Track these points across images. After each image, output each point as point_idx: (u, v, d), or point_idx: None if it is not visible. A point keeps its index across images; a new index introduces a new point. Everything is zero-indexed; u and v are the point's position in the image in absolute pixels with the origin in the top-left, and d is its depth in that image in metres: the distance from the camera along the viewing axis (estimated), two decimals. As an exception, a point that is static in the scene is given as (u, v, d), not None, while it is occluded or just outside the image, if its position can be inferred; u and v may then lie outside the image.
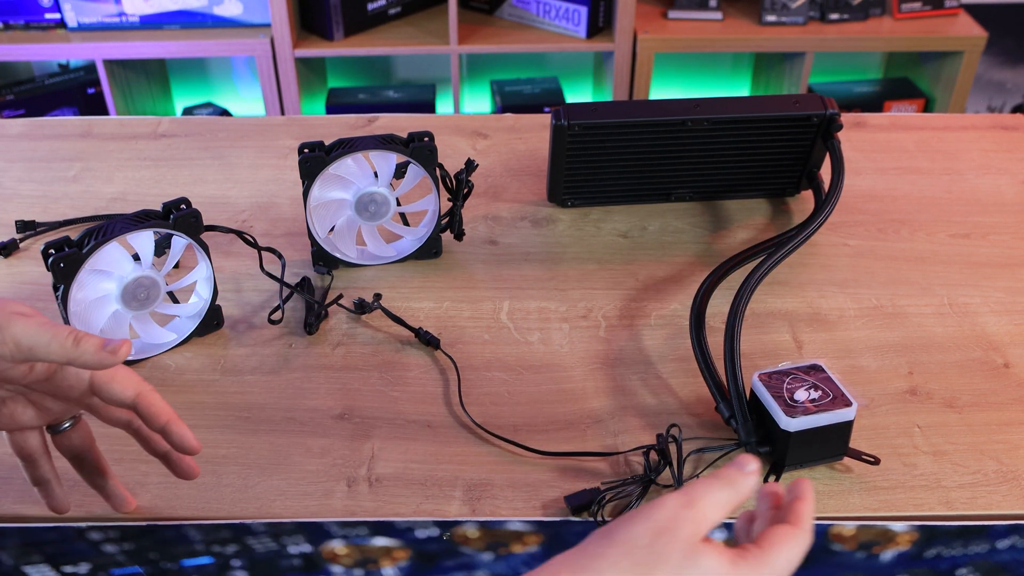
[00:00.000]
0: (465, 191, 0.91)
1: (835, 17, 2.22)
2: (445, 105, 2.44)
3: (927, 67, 2.35)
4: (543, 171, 1.08)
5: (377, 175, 0.88)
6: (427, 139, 0.86)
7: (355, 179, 0.87)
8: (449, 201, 0.92)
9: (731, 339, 0.74)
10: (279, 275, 0.85)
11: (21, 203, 1.02)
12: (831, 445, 0.69)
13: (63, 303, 0.74)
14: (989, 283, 0.90)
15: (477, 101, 2.51)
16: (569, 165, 0.97)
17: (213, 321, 0.84)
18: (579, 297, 0.89)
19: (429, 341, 0.82)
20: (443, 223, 0.93)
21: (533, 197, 1.04)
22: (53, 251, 0.72)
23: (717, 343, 0.79)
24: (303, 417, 0.75)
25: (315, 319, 0.84)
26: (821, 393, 0.68)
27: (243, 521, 0.66)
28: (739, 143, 0.97)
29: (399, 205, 0.92)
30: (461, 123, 1.19)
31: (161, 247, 0.81)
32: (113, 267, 0.76)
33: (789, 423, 0.67)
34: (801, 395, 0.68)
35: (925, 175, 1.08)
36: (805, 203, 1.03)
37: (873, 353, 0.82)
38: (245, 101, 2.50)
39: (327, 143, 0.86)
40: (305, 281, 0.89)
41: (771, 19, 2.20)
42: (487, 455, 0.72)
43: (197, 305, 0.83)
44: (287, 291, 0.86)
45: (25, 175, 1.07)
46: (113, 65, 2.16)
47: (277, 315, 0.85)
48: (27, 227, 0.96)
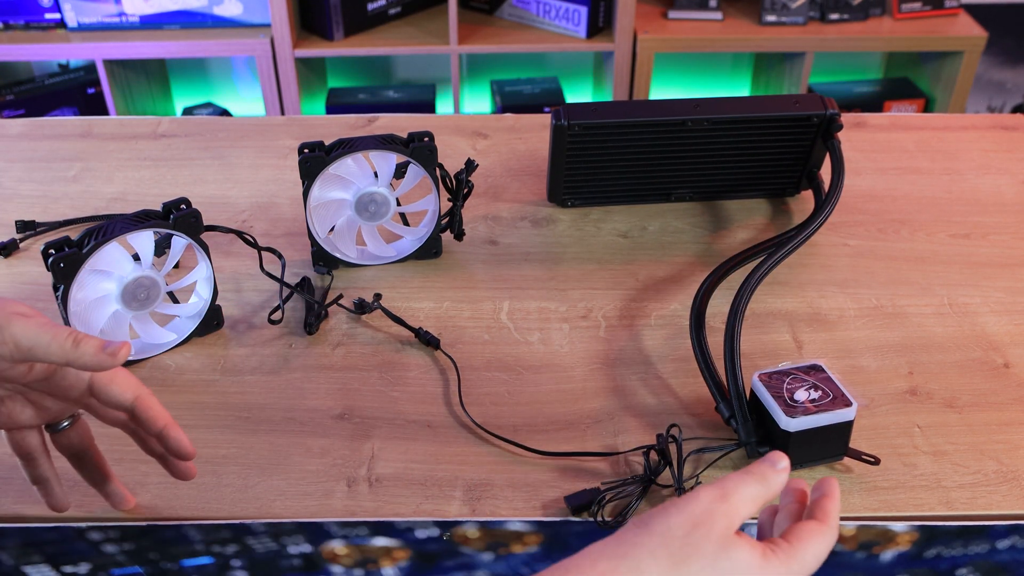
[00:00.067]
0: (465, 191, 0.91)
1: (835, 17, 2.22)
2: (445, 105, 2.44)
3: (927, 67, 2.35)
4: (543, 171, 1.08)
5: (377, 175, 0.88)
6: (427, 139, 0.86)
7: (355, 179, 0.87)
8: (449, 201, 0.92)
9: (731, 339, 0.74)
10: (279, 275, 0.85)
11: (21, 203, 1.02)
12: (831, 445, 0.69)
13: (63, 303, 0.74)
14: (989, 283, 0.90)
15: (477, 101, 2.51)
16: (569, 165, 0.97)
17: (213, 321, 0.84)
18: (579, 297, 0.89)
19: (429, 341, 0.82)
20: (443, 223, 0.93)
21: (533, 197, 1.04)
22: (53, 251, 0.72)
23: (717, 343, 0.79)
24: (303, 417, 0.75)
25: (315, 319, 0.84)
26: (821, 393, 0.68)
27: (243, 521, 0.66)
28: (739, 143, 0.97)
29: (399, 205, 0.92)
30: (461, 123, 1.19)
31: (161, 247, 0.81)
32: (113, 267, 0.76)
33: (789, 423, 0.66)
34: (801, 395, 0.68)
35: (925, 175, 1.08)
36: (805, 203, 1.03)
37: (873, 353, 0.82)
38: (245, 101, 2.50)
39: (327, 143, 0.86)
40: (305, 281, 0.89)
41: (771, 19, 2.20)
42: (487, 455, 0.72)
43: (197, 305, 0.83)
44: (287, 291, 0.86)
45: (25, 175, 1.07)
46: (113, 65, 2.16)
47: (277, 315, 0.85)
48: (27, 227, 0.96)
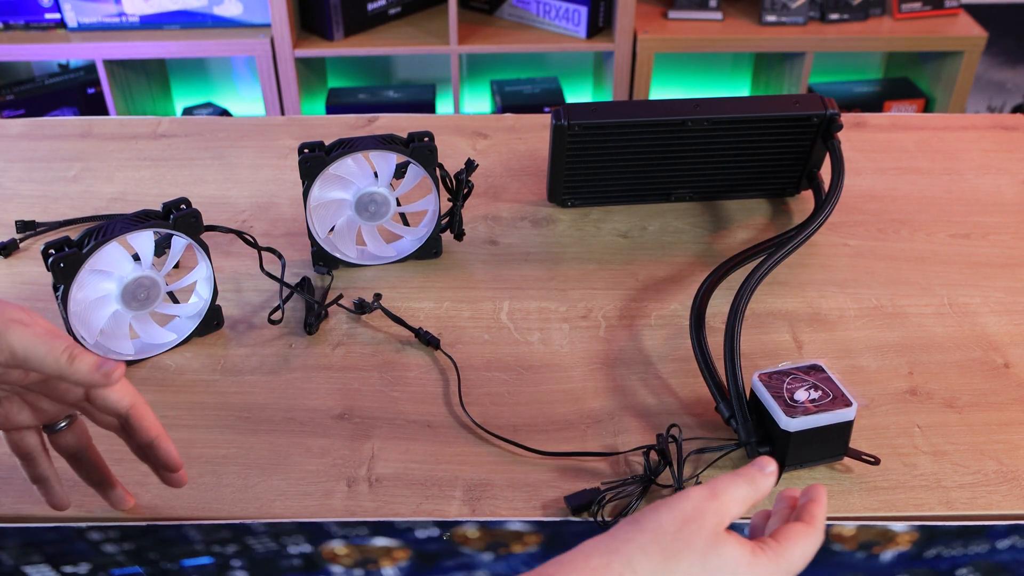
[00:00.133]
0: (465, 191, 0.91)
1: (835, 17, 2.22)
2: (445, 105, 2.44)
3: (927, 67, 2.35)
4: (543, 171, 1.08)
5: (377, 175, 0.88)
6: (427, 139, 0.86)
7: (355, 179, 0.87)
8: (449, 201, 0.92)
9: (731, 339, 0.74)
10: (279, 275, 0.85)
11: (21, 203, 1.02)
12: (831, 445, 0.69)
13: (63, 303, 0.74)
14: (989, 283, 0.90)
15: (477, 101, 2.51)
16: (569, 165, 0.97)
17: (213, 321, 0.84)
18: (579, 297, 0.89)
19: (429, 341, 0.82)
20: (443, 223, 0.93)
21: (533, 197, 1.04)
22: (53, 251, 0.72)
23: (717, 343, 0.79)
24: (303, 417, 0.75)
25: (315, 319, 0.84)
26: (821, 393, 0.68)
27: (243, 521, 0.66)
28: (739, 143, 0.97)
29: (399, 205, 0.92)
30: (461, 123, 1.19)
31: (161, 247, 0.81)
32: (113, 267, 0.76)
33: (789, 423, 0.66)
34: (801, 395, 0.68)
35: (925, 175, 1.08)
36: (805, 203, 1.03)
37: (873, 353, 0.82)
38: (245, 101, 2.50)
39: (327, 143, 0.86)
40: (305, 281, 0.89)
41: (771, 19, 2.20)
42: (487, 455, 0.72)
43: (197, 305, 0.83)
44: (287, 291, 0.86)
45: (25, 175, 1.07)
46: (113, 65, 2.16)
47: (277, 315, 0.85)
48: (27, 227, 0.96)
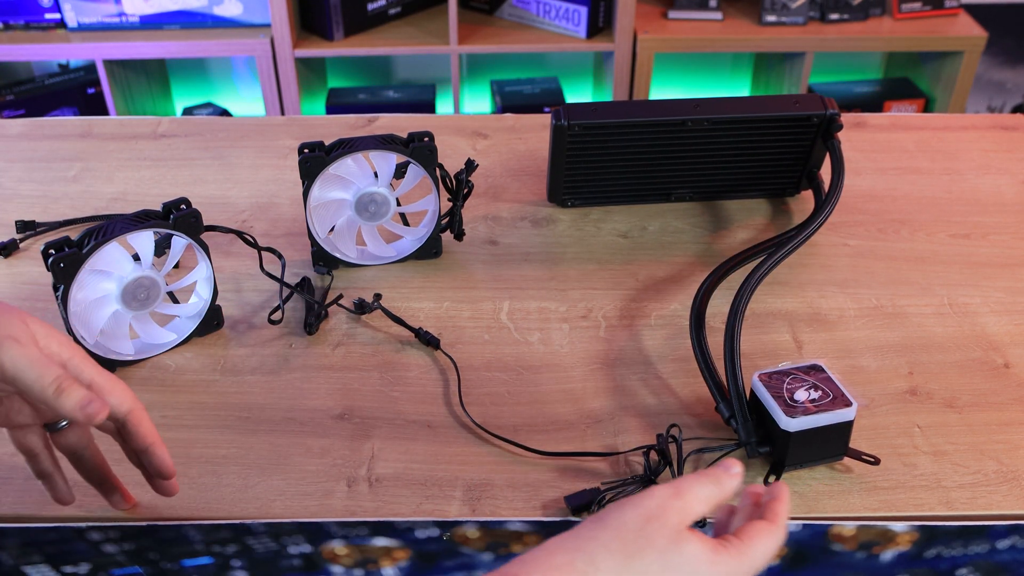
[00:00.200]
0: (465, 191, 0.91)
1: (835, 17, 2.22)
2: (445, 105, 2.44)
3: (927, 67, 2.35)
4: (543, 171, 1.08)
5: (377, 175, 0.88)
6: (427, 139, 0.86)
7: (355, 179, 0.87)
8: (449, 201, 0.92)
9: (731, 339, 0.74)
10: (279, 275, 0.85)
11: (21, 203, 1.02)
12: (831, 445, 0.69)
13: (63, 303, 0.74)
14: (989, 283, 0.90)
15: (477, 101, 2.51)
16: (569, 165, 0.97)
17: (213, 321, 0.84)
18: (579, 297, 0.89)
19: (429, 341, 0.82)
20: (443, 223, 0.93)
21: (533, 197, 1.04)
22: (53, 251, 0.72)
23: (717, 343, 0.79)
24: (303, 417, 0.75)
25: (315, 319, 0.84)
26: (821, 393, 0.68)
27: (243, 521, 0.66)
28: (739, 143, 0.97)
29: (399, 205, 0.92)
30: (461, 123, 1.19)
31: (161, 247, 0.81)
32: (113, 267, 0.76)
33: (789, 423, 0.66)
34: (801, 395, 0.68)
35: (925, 175, 1.08)
36: (805, 203, 1.03)
37: (873, 353, 0.82)
38: (245, 101, 2.49)
39: (327, 143, 0.86)
40: (305, 281, 0.89)
41: (771, 19, 2.20)
42: (487, 455, 0.72)
43: (197, 305, 0.83)
44: (287, 291, 0.86)
45: (25, 175, 1.07)
46: (113, 65, 2.16)
47: (277, 315, 0.85)
48: (27, 227, 0.96)
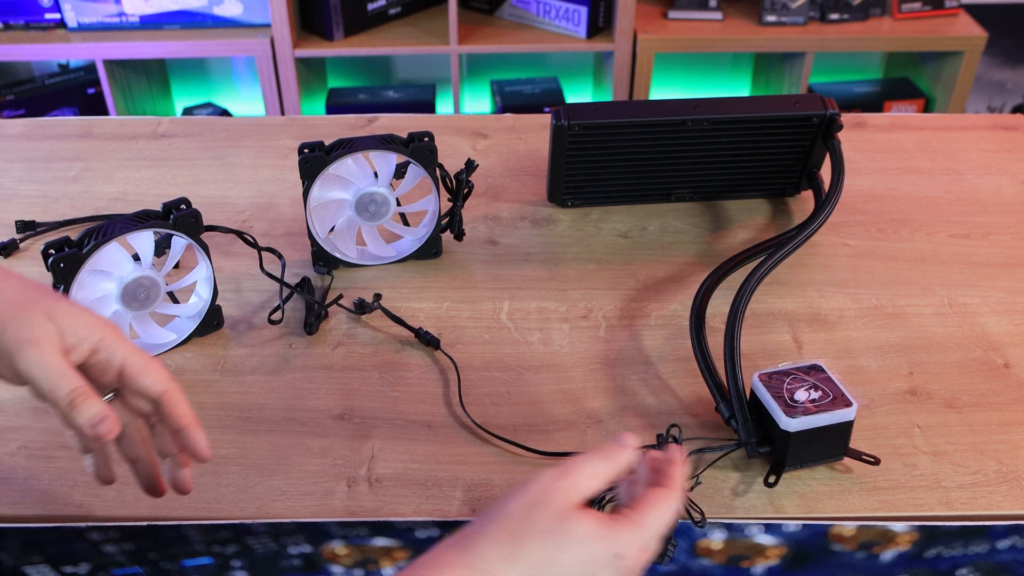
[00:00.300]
0: (465, 191, 0.91)
1: (835, 17, 2.22)
2: (445, 105, 2.44)
3: (927, 67, 2.35)
4: (543, 171, 1.08)
5: (377, 175, 0.88)
6: (427, 139, 0.86)
7: (355, 179, 0.87)
8: (449, 201, 0.92)
9: (731, 339, 0.74)
10: (279, 275, 0.85)
11: (21, 203, 1.02)
12: (831, 445, 0.69)
13: (63, 303, 0.74)
14: (989, 283, 0.90)
15: (477, 101, 2.51)
16: (569, 165, 0.97)
17: (213, 321, 0.84)
18: (579, 297, 0.89)
19: (429, 341, 0.82)
20: (443, 223, 0.93)
21: (533, 197, 1.04)
22: (53, 251, 0.72)
23: (717, 343, 0.79)
24: (303, 417, 0.75)
25: (315, 319, 0.84)
26: (821, 393, 0.68)
27: (243, 521, 0.66)
28: (739, 143, 0.97)
29: (399, 205, 0.92)
30: (461, 123, 1.19)
31: (161, 247, 0.81)
32: (113, 267, 0.76)
33: (789, 423, 0.66)
34: (801, 395, 0.68)
35: (925, 175, 1.08)
36: (805, 203, 1.03)
37: (873, 353, 0.82)
38: (245, 101, 2.49)
39: (327, 143, 0.86)
40: (305, 281, 0.89)
41: (771, 19, 2.20)
42: (487, 455, 0.72)
43: (197, 305, 0.83)
44: (287, 291, 0.86)
45: (25, 175, 1.07)
46: (113, 65, 2.16)
47: (277, 315, 0.85)
48: (27, 227, 0.96)
